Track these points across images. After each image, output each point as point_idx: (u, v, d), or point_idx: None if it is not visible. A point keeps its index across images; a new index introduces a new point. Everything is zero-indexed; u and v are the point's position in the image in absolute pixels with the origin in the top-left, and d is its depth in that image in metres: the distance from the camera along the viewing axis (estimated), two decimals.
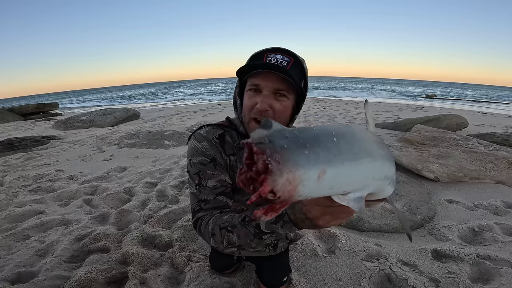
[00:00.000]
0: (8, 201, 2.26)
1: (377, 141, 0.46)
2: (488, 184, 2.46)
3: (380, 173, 0.41)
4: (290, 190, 0.25)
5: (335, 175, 0.29)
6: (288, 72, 0.76)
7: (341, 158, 0.29)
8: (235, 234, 0.72)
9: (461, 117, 5.22)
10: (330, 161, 0.28)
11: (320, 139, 0.29)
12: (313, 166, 0.26)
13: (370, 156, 0.36)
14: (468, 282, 1.26)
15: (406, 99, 19.17)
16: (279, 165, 0.24)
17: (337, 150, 0.29)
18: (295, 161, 0.25)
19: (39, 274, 1.36)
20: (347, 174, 0.31)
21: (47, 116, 10.77)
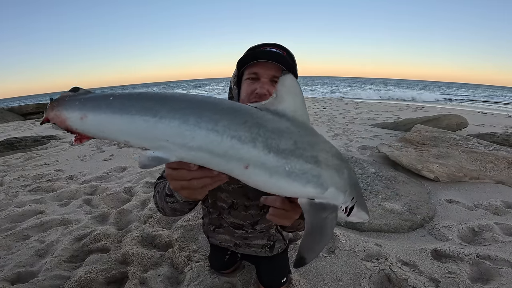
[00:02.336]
0: (8, 201, 2.26)
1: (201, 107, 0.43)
2: (488, 184, 2.47)
3: (178, 138, 0.41)
4: (60, 121, 0.43)
5: (98, 120, 0.43)
6: (282, 61, 0.85)
7: (106, 110, 0.42)
8: (159, 195, 0.81)
9: (461, 117, 5.22)
10: (93, 110, 0.43)
11: (98, 97, 0.44)
12: (76, 110, 0.43)
13: (150, 115, 0.41)
14: (468, 282, 1.26)
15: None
16: (53, 106, 0.44)
17: (106, 104, 0.43)
18: (64, 106, 0.44)
19: (39, 274, 1.36)
20: (114, 124, 0.42)
21: None
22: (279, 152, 0.45)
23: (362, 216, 0.67)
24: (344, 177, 0.55)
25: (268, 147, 0.44)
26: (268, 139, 0.44)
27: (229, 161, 0.43)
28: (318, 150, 0.50)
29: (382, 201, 2.11)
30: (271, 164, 0.44)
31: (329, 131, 4.90)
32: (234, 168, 0.44)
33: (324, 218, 0.53)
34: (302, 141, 0.48)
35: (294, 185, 0.48)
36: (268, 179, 0.46)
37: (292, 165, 0.46)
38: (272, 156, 0.44)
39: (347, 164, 0.60)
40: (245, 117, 0.44)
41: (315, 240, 0.54)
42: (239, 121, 0.43)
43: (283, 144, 0.45)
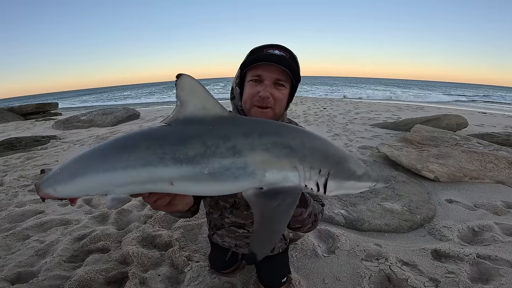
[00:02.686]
0: (8, 201, 2.26)
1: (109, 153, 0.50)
2: (488, 184, 2.46)
3: (103, 185, 0.50)
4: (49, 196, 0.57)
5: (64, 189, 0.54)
6: (287, 63, 0.85)
7: (61, 181, 0.55)
8: None
9: (461, 117, 5.22)
10: (55, 184, 0.55)
11: (54, 174, 0.56)
12: (47, 187, 0.57)
13: (80, 175, 0.52)
14: (468, 282, 1.26)
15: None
16: (37, 188, 0.60)
17: (58, 177, 0.56)
18: (42, 186, 0.58)
19: (39, 274, 1.36)
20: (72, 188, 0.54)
21: (47, 116, 10.76)
22: (190, 160, 0.45)
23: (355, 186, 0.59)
24: (283, 153, 0.49)
25: (178, 160, 0.45)
26: (175, 152, 0.45)
27: (156, 184, 0.47)
28: (235, 139, 0.47)
29: (382, 201, 2.11)
30: (189, 174, 0.45)
31: (329, 131, 4.89)
32: (163, 187, 0.47)
33: (275, 206, 0.47)
34: (212, 138, 0.46)
35: (226, 185, 0.46)
36: (197, 187, 0.47)
37: (210, 167, 0.45)
38: (185, 166, 0.45)
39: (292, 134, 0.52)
40: (148, 142, 0.47)
41: (266, 232, 0.48)
42: (143, 149, 0.47)
43: (190, 151, 0.45)
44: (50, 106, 11.63)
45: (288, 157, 0.49)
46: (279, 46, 0.92)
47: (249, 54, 0.93)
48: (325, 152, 0.55)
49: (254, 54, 0.91)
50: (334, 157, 0.56)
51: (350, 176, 0.57)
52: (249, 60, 0.88)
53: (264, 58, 0.85)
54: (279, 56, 0.86)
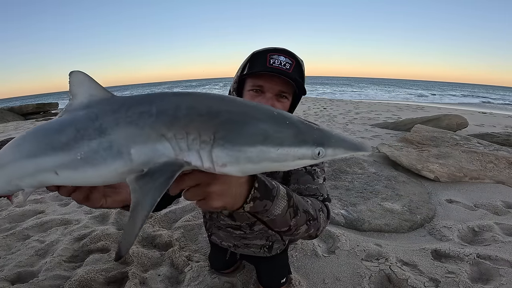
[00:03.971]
0: (8, 201, 2.26)
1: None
2: (488, 184, 2.46)
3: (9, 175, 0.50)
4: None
5: None
6: (293, 76, 0.79)
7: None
8: None
9: (461, 117, 5.22)
10: None
11: None
12: None
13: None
14: (468, 282, 1.26)
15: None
16: None
17: None
18: None
19: (39, 274, 1.36)
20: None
21: (47, 116, 10.77)
22: (64, 147, 0.43)
23: (267, 156, 0.39)
24: (151, 120, 0.39)
25: (54, 147, 0.44)
26: (52, 140, 0.45)
27: (44, 175, 0.47)
28: (102, 117, 0.42)
29: (382, 201, 2.11)
30: (67, 161, 0.43)
31: None
32: (52, 178, 0.46)
33: (147, 189, 0.37)
34: (84, 120, 0.43)
35: (101, 170, 0.41)
36: (78, 175, 0.43)
37: (80, 151, 0.41)
38: (62, 154, 0.43)
39: (169, 97, 0.42)
40: (37, 133, 0.49)
41: (130, 223, 0.38)
42: (32, 140, 0.49)
43: (63, 137, 0.43)
44: (50, 106, 11.64)
45: (154, 124, 0.39)
46: (284, 51, 0.84)
47: (251, 59, 0.87)
48: (211, 110, 0.40)
49: (256, 60, 0.85)
50: (225, 114, 0.40)
51: (256, 139, 0.38)
52: (251, 71, 0.82)
53: (268, 69, 0.80)
54: (284, 65, 0.81)
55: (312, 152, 0.40)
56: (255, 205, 0.53)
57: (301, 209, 0.66)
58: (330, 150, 0.41)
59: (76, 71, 0.49)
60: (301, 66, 0.87)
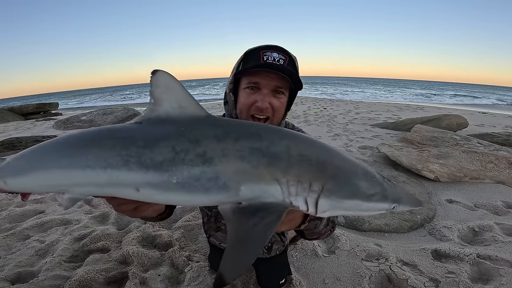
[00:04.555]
0: (8, 201, 2.26)
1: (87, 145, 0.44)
2: (488, 184, 2.46)
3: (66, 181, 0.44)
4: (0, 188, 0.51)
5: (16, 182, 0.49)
6: (287, 70, 0.79)
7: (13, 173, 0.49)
8: None
9: (461, 117, 5.22)
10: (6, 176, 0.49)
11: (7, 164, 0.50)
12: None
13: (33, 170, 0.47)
14: (468, 282, 1.26)
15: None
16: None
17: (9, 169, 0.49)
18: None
19: (39, 274, 1.36)
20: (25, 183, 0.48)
21: (47, 116, 10.77)
22: (157, 166, 0.40)
23: (358, 207, 0.46)
24: (263, 163, 0.41)
25: (144, 165, 0.40)
26: (141, 156, 0.40)
27: (119, 188, 0.42)
28: (207, 143, 0.41)
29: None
30: (157, 182, 0.40)
31: (329, 131, 4.89)
32: (128, 193, 0.42)
33: (252, 225, 0.39)
34: (182, 142, 0.41)
35: (197, 197, 0.41)
36: (164, 196, 0.41)
37: (178, 176, 0.40)
38: (152, 173, 0.40)
39: (273, 137, 0.44)
40: (113, 142, 0.42)
41: (239, 254, 0.40)
42: (106, 148, 0.42)
43: (158, 156, 0.40)
44: (50, 106, 11.64)
45: (268, 167, 0.41)
46: (277, 47, 0.85)
47: (244, 57, 0.87)
48: (320, 161, 0.44)
49: (250, 58, 0.85)
50: (332, 168, 0.45)
51: (354, 194, 0.46)
52: (245, 68, 0.83)
53: (262, 65, 0.80)
54: (277, 61, 0.82)
55: (389, 207, 0.50)
56: (309, 224, 0.62)
57: (330, 220, 0.79)
58: (401, 206, 0.51)
59: (161, 71, 0.44)
60: (294, 61, 0.87)
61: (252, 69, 0.80)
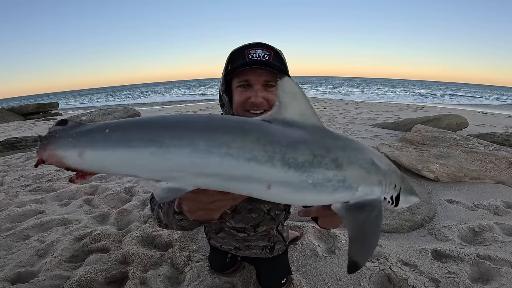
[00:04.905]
0: (8, 201, 2.26)
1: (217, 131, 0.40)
2: (489, 184, 2.46)
3: (192, 167, 0.38)
4: (57, 161, 0.40)
5: (99, 157, 0.39)
6: (273, 64, 0.82)
7: (104, 145, 0.39)
8: (163, 211, 0.73)
9: (461, 117, 5.22)
10: (90, 146, 0.39)
11: (92, 130, 0.41)
12: (71, 148, 0.40)
13: (156, 146, 0.38)
14: (468, 282, 1.26)
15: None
16: (44, 146, 0.41)
17: (102, 138, 0.40)
18: (56, 144, 0.40)
19: (39, 274, 1.36)
20: (116, 159, 0.39)
21: (47, 116, 10.78)
22: (299, 167, 0.42)
23: (411, 200, 0.63)
24: (372, 169, 0.51)
25: (287, 163, 0.41)
26: (285, 154, 0.41)
27: (249, 184, 0.41)
28: (336, 151, 0.47)
29: None
30: (294, 181, 0.42)
31: None
32: (255, 189, 0.42)
33: (364, 218, 0.48)
34: (318, 147, 0.45)
35: (322, 196, 0.45)
36: (294, 196, 0.44)
37: (314, 177, 0.43)
38: (292, 172, 0.41)
39: (373, 153, 0.54)
40: (257, 134, 0.41)
41: (363, 242, 0.49)
42: (251, 140, 0.40)
43: (300, 157, 0.42)
44: (50, 106, 11.65)
45: (376, 173, 0.51)
46: (261, 44, 0.88)
47: (230, 58, 0.89)
48: (396, 170, 0.60)
49: (236, 58, 0.88)
50: (401, 175, 0.61)
51: (410, 192, 0.62)
52: (233, 68, 0.84)
53: (248, 63, 0.82)
54: (262, 57, 0.84)
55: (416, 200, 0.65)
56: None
57: None
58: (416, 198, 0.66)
59: (287, 78, 0.47)
60: (280, 54, 0.89)
61: (240, 69, 0.83)
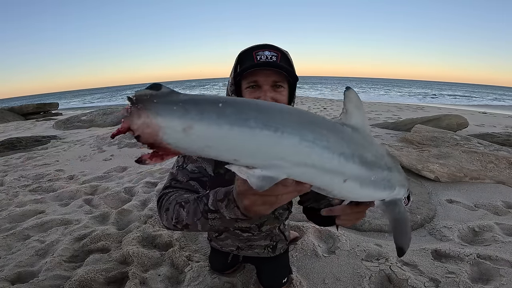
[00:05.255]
0: (9, 201, 2.26)
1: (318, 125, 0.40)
2: (489, 184, 2.46)
3: (296, 155, 0.37)
4: (151, 133, 0.31)
5: (208, 134, 0.32)
6: (280, 65, 0.84)
7: (220, 122, 0.32)
8: (185, 210, 0.68)
9: (461, 117, 5.22)
10: (201, 119, 0.32)
11: (201, 101, 0.33)
12: (176, 118, 0.31)
13: (272, 130, 0.35)
14: (468, 282, 1.26)
15: None
16: (139, 110, 0.30)
17: (218, 113, 0.33)
18: (156, 110, 0.31)
19: (39, 274, 1.36)
20: (228, 139, 0.33)
21: (47, 116, 10.77)
22: (368, 165, 0.48)
23: (411, 198, 0.75)
24: (402, 174, 0.62)
25: (362, 161, 0.47)
26: (361, 153, 0.47)
27: (334, 177, 0.44)
28: (385, 157, 0.55)
29: None
30: (364, 176, 0.48)
31: None
32: (335, 182, 0.45)
33: (398, 211, 0.60)
34: (376, 152, 0.52)
35: (377, 192, 0.53)
36: (359, 190, 0.49)
37: (375, 175, 0.50)
38: (364, 169, 0.47)
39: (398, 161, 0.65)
40: (341, 134, 0.45)
41: (402, 230, 0.62)
42: (339, 137, 0.44)
43: (369, 156, 0.49)
44: (50, 106, 11.64)
45: (404, 177, 0.63)
46: (268, 46, 0.90)
47: (238, 60, 0.91)
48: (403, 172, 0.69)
49: (244, 59, 0.90)
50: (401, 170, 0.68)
51: (410, 193, 0.72)
52: (242, 70, 0.86)
53: (257, 65, 0.84)
54: (270, 58, 0.86)
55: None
56: None
57: None
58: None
59: (352, 89, 0.52)
60: (287, 56, 0.91)
61: (249, 70, 0.84)
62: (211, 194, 0.63)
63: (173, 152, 0.34)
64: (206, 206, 0.63)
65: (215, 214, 0.62)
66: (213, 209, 0.62)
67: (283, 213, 1.10)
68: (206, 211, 0.63)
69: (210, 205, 0.62)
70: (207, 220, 0.64)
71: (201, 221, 0.65)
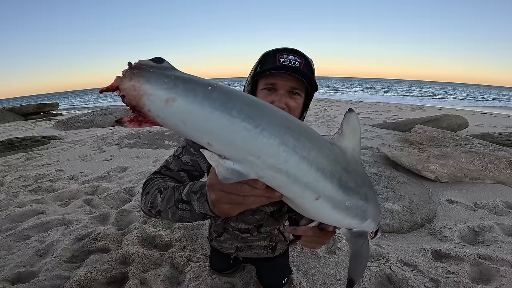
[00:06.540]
0: (9, 201, 2.26)
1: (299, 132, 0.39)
2: (489, 184, 2.46)
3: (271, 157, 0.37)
4: (135, 96, 0.34)
5: (188, 111, 0.34)
6: (303, 72, 0.81)
7: (203, 102, 0.34)
8: (162, 196, 0.68)
9: (461, 117, 5.22)
10: (186, 95, 0.34)
11: (192, 81, 0.35)
12: (163, 89, 0.34)
13: (253, 125, 0.35)
14: (469, 282, 1.26)
15: None
16: (131, 75, 0.34)
17: (204, 94, 0.34)
18: (147, 78, 0.34)
19: (39, 274, 1.36)
20: (206, 121, 0.34)
21: (47, 116, 10.77)
22: (345, 189, 0.46)
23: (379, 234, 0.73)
24: (378, 208, 0.60)
25: (340, 184, 0.45)
26: (342, 175, 0.45)
27: (305, 190, 0.42)
28: (367, 186, 0.54)
29: (383, 202, 2.11)
30: (338, 199, 0.46)
31: (329, 131, 4.90)
32: (305, 197, 0.43)
33: (361, 243, 0.60)
34: (359, 179, 0.50)
35: (347, 219, 0.51)
36: (330, 212, 0.47)
37: (351, 202, 0.49)
38: (341, 192, 0.46)
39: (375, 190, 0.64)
40: (328, 150, 0.44)
41: (359, 262, 0.61)
42: (323, 154, 0.43)
43: (349, 181, 0.47)
44: (50, 106, 11.64)
45: (378, 211, 0.61)
46: (293, 50, 0.87)
47: (262, 60, 0.89)
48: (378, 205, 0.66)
49: (267, 60, 0.87)
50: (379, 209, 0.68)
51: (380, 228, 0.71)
52: (263, 70, 0.84)
53: (278, 67, 0.82)
54: (293, 63, 0.83)
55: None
56: None
57: None
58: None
59: (354, 113, 0.52)
60: (310, 64, 0.88)
61: (269, 71, 0.82)
62: (188, 185, 0.63)
63: (151, 121, 0.36)
64: (180, 196, 0.62)
65: (186, 205, 0.61)
66: (186, 200, 0.61)
67: (283, 216, 1.10)
68: (178, 201, 0.63)
69: (184, 195, 0.61)
70: (177, 209, 0.63)
71: (172, 210, 0.64)
